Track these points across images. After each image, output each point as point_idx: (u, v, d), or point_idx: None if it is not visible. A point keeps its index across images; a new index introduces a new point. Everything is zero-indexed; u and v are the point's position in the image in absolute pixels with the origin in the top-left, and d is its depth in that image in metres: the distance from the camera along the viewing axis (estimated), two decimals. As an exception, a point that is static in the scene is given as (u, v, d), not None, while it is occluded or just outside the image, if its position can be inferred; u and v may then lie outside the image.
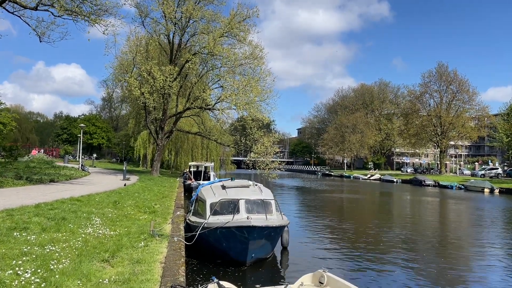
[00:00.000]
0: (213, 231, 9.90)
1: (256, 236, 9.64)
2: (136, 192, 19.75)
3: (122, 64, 34.15)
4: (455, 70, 67.31)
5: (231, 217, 10.08)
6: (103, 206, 13.65)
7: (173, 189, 24.73)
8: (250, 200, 10.94)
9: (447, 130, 67.76)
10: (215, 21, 34.61)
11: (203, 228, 9.82)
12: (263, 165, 34.74)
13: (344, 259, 11.97)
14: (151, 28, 34.44)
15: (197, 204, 12.36)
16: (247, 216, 9.98)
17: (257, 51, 35.09)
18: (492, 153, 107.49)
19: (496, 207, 29.31)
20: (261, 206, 11.01)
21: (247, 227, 9.41)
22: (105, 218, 11.55)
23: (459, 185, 48.19)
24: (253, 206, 10.92)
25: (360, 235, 16.32)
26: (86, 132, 79.96)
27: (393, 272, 10.63)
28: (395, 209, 26.78)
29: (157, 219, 12.47)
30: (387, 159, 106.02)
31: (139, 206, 14.81)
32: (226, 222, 9.64)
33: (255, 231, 9.51)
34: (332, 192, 40.34)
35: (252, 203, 10.96)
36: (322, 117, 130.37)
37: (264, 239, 10.06)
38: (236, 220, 9.79)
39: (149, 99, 32.33)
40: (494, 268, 11.59)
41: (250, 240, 9.57)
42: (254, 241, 9.67)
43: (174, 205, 16.47)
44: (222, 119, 37.66)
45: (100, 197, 16.00)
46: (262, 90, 34.39)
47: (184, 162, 47.94)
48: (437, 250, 13.80)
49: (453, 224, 20.89)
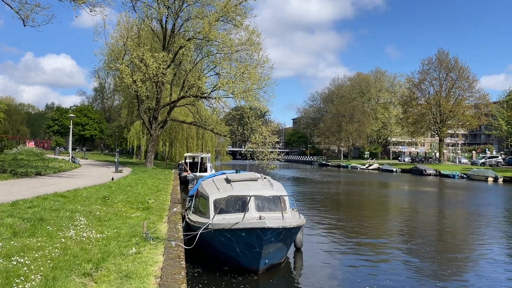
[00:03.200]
0: (219, 233, 8.48)
1: (271, 239, 8.20)
2: (129, 185, 18.30)
3: (112, 51, 32.39)
4: (455, 57, 66.17)
5: (239, 216, 8.61)
6: (91, 203, 12.22)
7: (168, 181, 23.30)
8: (261, 196, 9.45)
9: (446, 118, 66.65)
10: (210, 4, 32.90)
11: (207, 229, 8.41)
12: (262, 156, 33.43)
13: (365, 260, 10.66)
14: (142, 13, 32.64)
15: (198, 200, 10.81)
16: (259, 216, 8.50)
17: (254, 36, 33.53)
18: (489, 142, 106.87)
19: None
20: (273, 202, 9.55)
21: (261, 229, 7.96)
22: (92, 217, 10.13)
23: (461, 174, 47.15)
24: (264, 203, 9.45)
25: (377, 232, 15.04)
26: (78, 123, 78.14)
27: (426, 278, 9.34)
28: (405, 202, 25.34)
29: (151, 217, 11.06)
30: (384, 148, 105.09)
31: (131, 202, 13.39)
32: (235, 223, 8.17)
33: (270, 233, 8.07)
34: (332, 183, 39.07)
35: (263, 200, 9.49)
36: (317, 107, 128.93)
37: (280, 242, 8.60)
38: (247, 220, 8.30)
39: (141, 87, 30.72)
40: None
41: (264, 244, 8.13)
42: (268, 245, 8.23)
43: (170, 200, 15.06)
44: (218, 108, 36.28)
45: (88, 192, 14.56)
46: (260, 77, 32.91)
47: (179, 153, 46.48)
48: (475, 253, 12.55)
49: (480, 220, 19.65)
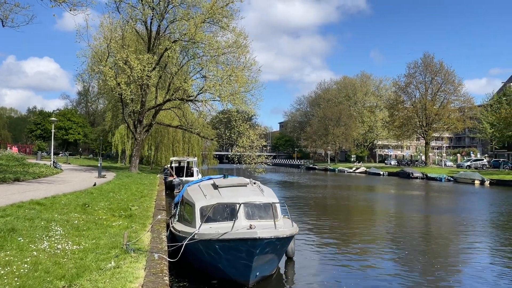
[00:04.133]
0: (206, 244, 7.89)
1: (262, 250, 7.63)
2: (111, 191, 17.57)
3: (96, 53, 31.53)
4: (441, 61, 66.53)
5: (228, 225, 8.00)
6: (69, 211, 11.52)
7: (153, 187, 22.59)
8: (250, 203, 8.85)
9: (432, 122, 67.04)
10: (196, 6, 32.38)
11: (193, 239, 7.81)
12: (249, 159, 32.90)
13: (358, 269, 10.20)
14: (126, 14, 31.89)
15: (183, 207, 10.13)
16: (250, 225, 7.92)
17: (241, 39, 33.12)
18: (473, 145, 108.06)
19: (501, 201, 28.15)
20: (264, 210, 8.98)
21: (252, 239, 7.39)
22: (69, 227, 9.47)
23: (448, 177, 47.26)
24: (254, 211, 8.87)
25: (369, 238, 14.62)
26: (61, 127, 76.45)
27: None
28: (395, 207, 24.77)
29: (134, 226, 10.43)
30: (370, 151, 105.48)
31: (113, 209, 12.71)
32: (224, 233, 7.58)
33: (262, 244, 7.49)
34: (321, 187, 38.67)
35: (253, 207, 8.90)
36: (304, 110, 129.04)
37: (272, 253, 8.03)
38: (236, 230, 7.71)
39: (125, 90, 29.92)
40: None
41: (256, 255, 7.57)
42: (259, 256, 7.66)
43: (155, 207, 14.41)
44: (205, 111, 35.61)
45: (68, 198, 13.82)
46: (247, 80, 32.44)
47: (165, 158, 45.62)
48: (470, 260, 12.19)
49: (474, 226, 19.39)
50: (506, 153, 72.72)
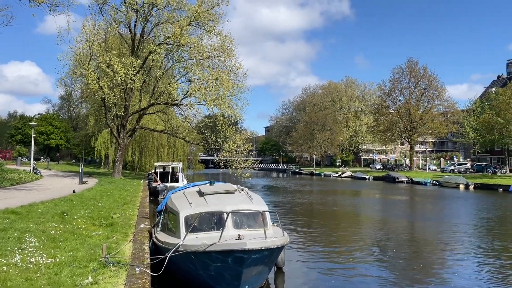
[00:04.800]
0: (191, 256, 7.41)
1: (252, 261, 7.19)
2: (93, 198, 16.93)
3: (77, 56, 30.73)
4: (425, 66, 67.36)
5: (215, 236, 7.53)
6: (46, 220, 10.91)
7: (136, 193, 21.95)
8: (238, 212, 8.38)
9: (417, 126, 67.62)
10: (181, 9, 31.94)
11: (177, 251, 7.33)
12: (236, 164, 32.46)
13: (350, 276, 9.85)
14: (110, 16, 31.26)
15: (167, 216, 9.56)
16: (238, 235, 7.43)
17: (227, 42, 32.78)
18: (455, 149, 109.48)
19: (486, 206, 28.22)
20: (253, 218, 8.52)
21: (241, 251, 6.96)
22: (45, 237, 8.89)
23: (433, 181, 47.51)
24: (242, 219, 8.40)
25: (359, 245, 14.31)
26: (42, 132, 74.83)
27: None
28: (383, 213, 24.32)
29: (115, 235, 9.89)
30: (355, 156, 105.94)
31: (93, 218, 12.12)
32: (210, 244, 7.11)
33: (252, 255, 7.07)
34: (308, 192, 38.31)
35: (241, 215, 8.43)
36: (290, 115, 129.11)
37: (262, 265, 7.58)
38: (224, 240, 7.24)
39: (108, 94, 29.19)
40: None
41: (245, 267, 7.13)
42: (249, 268, 7.23)
43: (137, 215, 13.84)
44: (190, 115, 35.10)
45: (46, 206, 13.18)
46: (233, 84, 32.08)
47: (149, 163, 44.82)
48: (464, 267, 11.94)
49: (466, 229, 19.24)
50: (489, 157, 73.71)
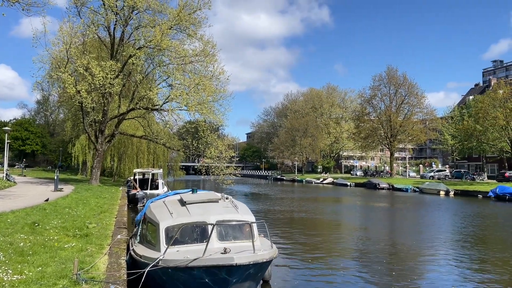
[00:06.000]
0: (173, 272, 6.83)
1: (239, 277, 6.68)
2: (67, 206, 16.14)
3: (54, 58, 29.74)
4: (404, 74, 68.13)
5: (198, 249, 6.97)
6: (15, 231, 10.19)
7: (114, 201, 21.16)
8: (223, 222, 7.83)
9: (397, 133, 68.28)
10: (162, 12, 31.39)
11: (155, 266, 6.76)
12: (218, 171, 31.89)
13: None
14: (88, 19, 30.40)
15: (146, 227, 8.91)
16: (224, 248, 6.87)
17: (209, 47, 32.41)
18: (434, 156, 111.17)
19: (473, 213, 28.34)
20: (239, 229, 8.01)
21: (227, 266, 6.44)
22: (12, 251, 8.22)
23: (414, 188, 47.83)
24: (228, 231, 7.88)
25: (345, 254, 13.95)
26: (17, 138, 72.76)
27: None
28: (367, 220, 24.27)
29: (89, 248, 9.25)
30: (336, 162, 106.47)
31: (67, 228, 11.43)
32: (194, 259, 6.55)
33: (239, 271, 6.55)
34: (290, 200, 37.80)
35: (226, 227, 7.92)
36: (271, 121, 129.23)
37: (250, 280, 7.07)
38: (209, 255, 6.67)
39: (86, 98, 28.32)
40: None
41: (232, 285, 6.63)
42: (236, 285, 6.73)
43: (115, 224, 13.17)
44: (171, 121, 34.42)
45: (16, 216, 12.41)
46: (216, 89, 31.64)
47: (128, 169, 43.75)
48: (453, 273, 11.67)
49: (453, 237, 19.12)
50: (467, 163, 74.98)
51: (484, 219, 23.97)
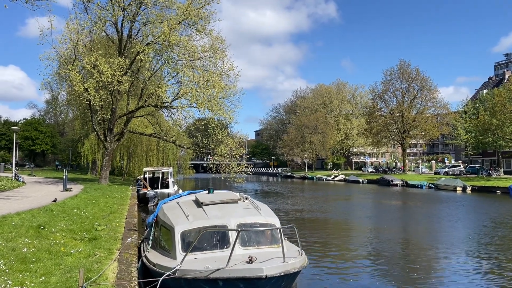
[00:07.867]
0: (192, 283, 6.09)
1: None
2: (76, 207, 15.54)
3: (61, 56, 29.20)
4: (417, 68, 66.75)
5: (219, 256, 6.22)
6: (19, 234, 9.55)
7: (124, 200, 20.55)
8: (246, 225, 7.04)
9: (409, 128, 67.00)
10: (170, 7, 30.71)
11: (171, 276, 6.02)
12: (228, 169, 31.19)
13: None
14: (95, 15, 29.82)
15: (158, 231, 8.16)
16: (249, 256, 6.05)
17: (218, 43, 31.63)
18: (446, 151, 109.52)
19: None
20: (263, 234, 7.21)
21: (256, 279, 5.66)
22: (14, 257, 7.56)
23: (429, 184, 46.66)
24: (250, 235, 7.08)
25: (370, 257, 13.14)
26: (27, 137, 72.81)
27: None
28: (388, 221, 23.28)
29: (97, 253, 8.58)
30: (346, 159, 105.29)
31: (74, 231, 10.79)
32: (216, 269, 5.81)
33: (269, 283, 5.77)
34: (302, 198, 36.85)
35: (249, 231, 7.09)
36: (280, 118, 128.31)
37: None
38: (233, 265, 5.88)
39: (94, 96, 27.76)
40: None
41: None
42: None
43: (125, 226, 12.51)
44: (180, 118, 33.73)
45: (21, 218, 11.80)
46: (225, 86, 30.85)
47: (138, 168, 43.31)
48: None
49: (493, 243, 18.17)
50: (481, 158, 73.44)
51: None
